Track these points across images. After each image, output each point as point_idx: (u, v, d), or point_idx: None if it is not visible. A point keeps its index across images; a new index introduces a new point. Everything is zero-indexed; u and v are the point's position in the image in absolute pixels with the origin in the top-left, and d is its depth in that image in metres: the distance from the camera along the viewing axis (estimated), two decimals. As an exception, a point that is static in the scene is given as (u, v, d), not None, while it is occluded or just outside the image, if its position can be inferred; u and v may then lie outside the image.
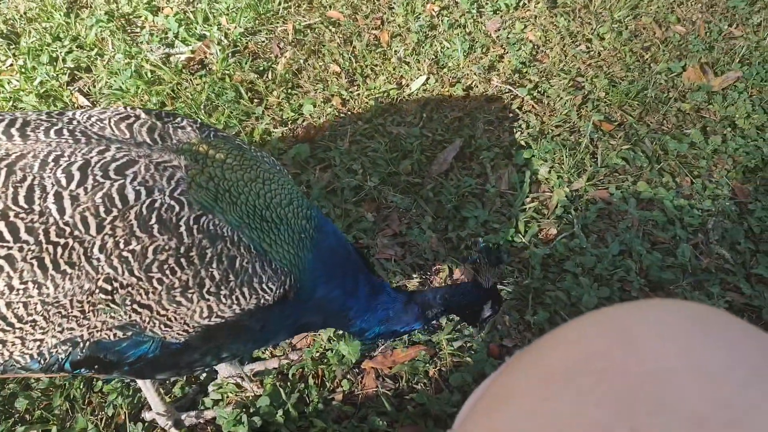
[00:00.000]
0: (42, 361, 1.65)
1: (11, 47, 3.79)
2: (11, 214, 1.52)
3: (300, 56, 3.76)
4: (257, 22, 3.96)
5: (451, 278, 2.84)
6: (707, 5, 4.09)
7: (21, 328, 1.58)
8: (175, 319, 1.65)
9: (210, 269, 1.63)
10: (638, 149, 3.30)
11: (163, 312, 1.63)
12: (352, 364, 2.54)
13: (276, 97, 3.54)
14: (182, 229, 1.61)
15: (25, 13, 4.02)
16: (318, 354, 2.57)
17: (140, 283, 1.58)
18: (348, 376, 2.53)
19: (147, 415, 2.41)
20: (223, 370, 2.50)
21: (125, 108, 1.86)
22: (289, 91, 3.59)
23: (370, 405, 2.45)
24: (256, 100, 3.53)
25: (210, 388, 2.50)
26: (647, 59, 3.77)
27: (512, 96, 3.57)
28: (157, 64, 3.67)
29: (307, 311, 2.00)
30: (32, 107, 3.43)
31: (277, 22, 3.98)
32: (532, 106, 3.52)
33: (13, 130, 1.68)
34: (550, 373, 0.85)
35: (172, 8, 4.07)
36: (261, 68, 3.70)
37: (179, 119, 1.89)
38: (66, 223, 1.53)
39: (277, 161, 2.08)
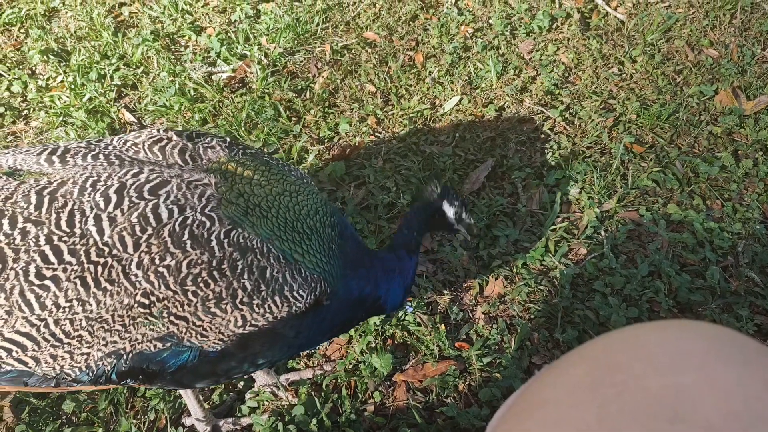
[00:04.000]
0: (90, 373, 1.76)
1: (62, 64, 3.97)
2: (55, 238, 1.65)
3: (337, 76, 3.87)
4: (296, 42, 4.09)
5: (481, 295, 2.90)
6: (740, 29, 4.11)
7: (69, 343, 1.69)
8: (211, 329, 1.75)
9: (242, 280, 1.73)
10: (669, 171, 3.33)
11: (198, 323, 1.73)
12: (383, 377, 2.62)
13: (313, 115, 3.65)
14: (213, 243, 1.71)
15: (75, 32, 4.21)
16: (351, 366, 2.65)
17: (176, 296, 1.68)
18: (380, 388, 2.60)
19: (186, 421, 2.51)
20: (260, 378, 2.60)
21: (158, 131, 1.98)
22: (326, 110, 3.70)
23: (400, 417, 2.52)
24: (294, 119, 3.65)
25: (247, 396, 2.59)
26: (679, 82, 3.81)
27: (544, 117, 3.64)
28: (199, 82, 3.82)
29: (344, 312, 2.11)
30: (81, 122, 3.60)
31: (315, 43, 4.10)
32: (564, 127, 3.58)
33: (54, 158, 1.84)
34: (576, 384, 0.92)
35: (214, 28, 4.22)
36: (299, 87, 3.82)
37: (209, 139, 2.01)
38: (105, 243, 1.65)
39: (303, 172, 2.18)
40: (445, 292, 2.91)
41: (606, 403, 0.79)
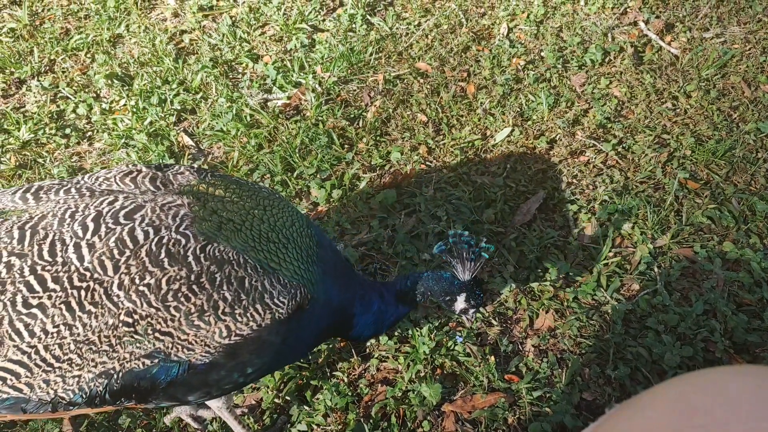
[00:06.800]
0: (84, 395, 1.82)
1: (125, 88, 4.13)
2: (38, 268, 1.74)
3: (389, 105, 3.94)
4: (350, 71, 4.17)
5: (531, 328, 2.89)
6: (799, 66, 4.06)
7: (60, 367, 1.77)
8: (196, 341, 1.81)
9: (222, 291, 1.80)
10: (725, 209, 3.28)
11: (184, 337, 1.79)
12: (433, 406, 2.62)
13: (365, 143, 3.71)
14: (190, 258, 1.79)
15: (138, 58, 4.37)
16: (400, 394, 2.66)
17: (159, 312, 1.75)
18: (428, 418, 2.60)
19: (237, 441, 2.55)
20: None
21: (127, 166, 2.08)
22: (378, 138, 3.76)
23: (449, 448, 2.51)
24: (346, 146, 3.72)
25: (297, 418, 2.62)
26: (735, 118, 3.77)
27: (596, 150, 3.63)
28: (255, 109, 3.92)
29: (326, 317, 2.15)
30: (142, 145, 3.72)
31: (368, 73, 4.18)
32: (616, 161, 3.57)
33: (28, 195, 1.94)
34: (654, 425, 0.92)
35: (270, 56, 4.34)
36: (352, 116, 3.89)
37: (177, 167, 2.11)
38: (86, 269, 1.74)
39: (273, 189, 2.23)
40: (495, 323, 2.91)
41: (686, 446, 0.80)
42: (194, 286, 1.77)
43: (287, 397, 2.68)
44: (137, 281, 1.74)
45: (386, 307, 2.39)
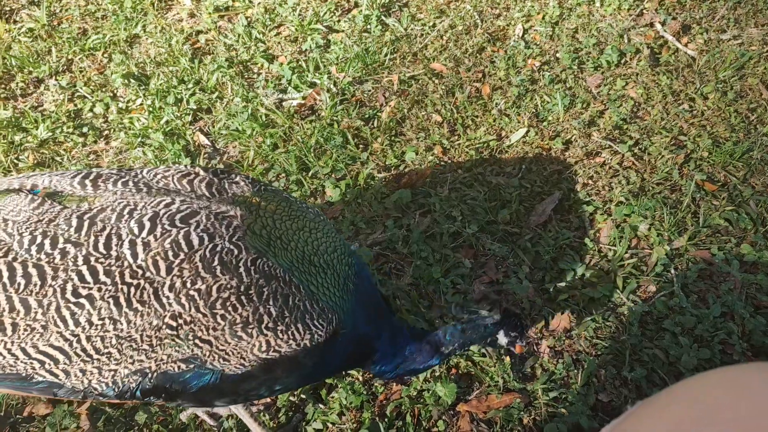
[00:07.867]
0: (116, 389, 1.84)
1: (141, 88, 4.15)
2: (92, 259, 1.74)
3: (404, 106, 3.94)
4: (364, 72, 4.18)
5: (546, 329, 2.88)
6: (817, 68, 4.02)
7: (98, 359, 1.77)
8: (233, 353, 1.81)
9: (267, 306, 1.81)
10: (742, 211, 3.26)
11: (222, 346, 1.80)
12: (447, 406, 2.61)
13: (380, 143, 3.72)
14: (241, 269, 1.80)
15: (154, 58, 4.40)
16: (415, 393, 2.66)
17: (204, 319, 1.75)
18: (443, 417, 2.59)
19: (252, 439, 2.56)
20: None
21: (185, 167, 2.09)
22: (393, 138, 3.76)
23: (464, 448, 2.51)
24: (361, 146, 3.72)
25: (312, 417, 2.62)
26: (753, 120, 3.74)
27: (612, 152, 3.61)
28: (271, 108, 3.94)
29: (351, 344, 2.15)
30: (158, 144, 3.74)
31: (383, 73, 4.18)
32: (633, 162, 3.55)
33: (87, 182, 1.94)
34: (678, 422, 0.92)
35: (286, 57, 4.36)
36: (367, 116, 3.90)
37: (233, 175, 2.13)
38: (139, 266, 1.74)
39: (320, 212, 2.25)
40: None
41: (712, 442, 0.79)
42: (243, 297, 1.78)
43: (302, 395, 2.69)
44: (188, 285, 1.74)
45: (421, 357, 2.36)
